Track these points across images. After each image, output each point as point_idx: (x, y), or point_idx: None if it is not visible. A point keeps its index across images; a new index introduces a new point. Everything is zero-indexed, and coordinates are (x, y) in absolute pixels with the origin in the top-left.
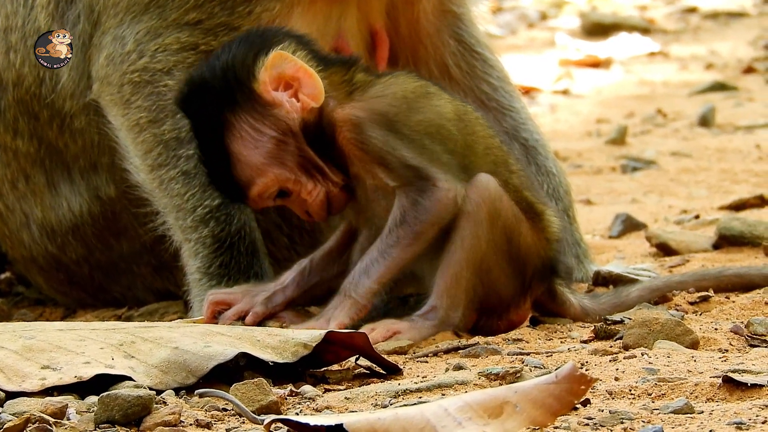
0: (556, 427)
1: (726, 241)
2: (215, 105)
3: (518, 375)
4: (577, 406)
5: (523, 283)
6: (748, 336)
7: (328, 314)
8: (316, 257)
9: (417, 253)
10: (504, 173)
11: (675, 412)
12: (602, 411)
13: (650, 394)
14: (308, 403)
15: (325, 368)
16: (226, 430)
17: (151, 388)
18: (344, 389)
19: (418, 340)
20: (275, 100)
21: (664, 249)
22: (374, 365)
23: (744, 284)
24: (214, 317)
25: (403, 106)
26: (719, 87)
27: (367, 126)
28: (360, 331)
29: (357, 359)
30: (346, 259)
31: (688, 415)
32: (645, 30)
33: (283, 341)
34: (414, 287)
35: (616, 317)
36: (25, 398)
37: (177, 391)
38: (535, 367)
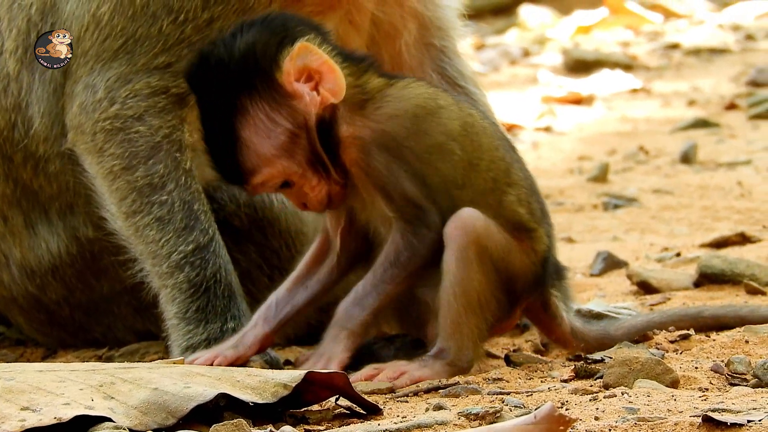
0: None
1: (707, 279)
2: (231, 87)
3: (498, 415)
4: None
5: (513, 297)
6: (728, 375)
7: (326, 351)
8: (281, 290)
9: (408, 287)
10: (502, 188)
11: None
12: None
13: None
14: None
15: (305, 408)
16: None
17: (131, 429)
18: (324, 429)
19: (431, 378)
20: (296, 91)
21: (645, 287)
22: (354, 405)
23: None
24: None
25: (413, 128)
26: (701, 124)
27: (373, 150)
28: (363, 371)
29: (337, 399)
30: (317, 281)
31: None
32: (627, 66)
33: (263, 381)
34: (400, 327)
35: (596, 356)
36: None
37: (157, 431)
38: (515, 406)
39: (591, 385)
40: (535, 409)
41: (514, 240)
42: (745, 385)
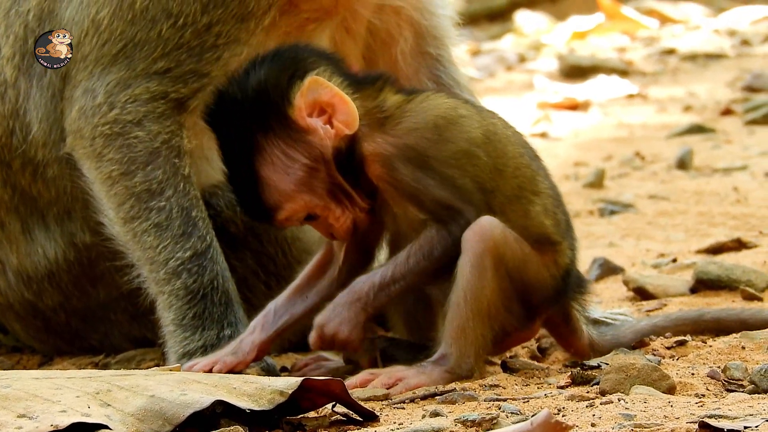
0: None
1: (703, 285)
2: (246, 126)
3: (494, 421)
4: None
5: (529, 311)
6: (725, 381)
7: (338, 317)
8: (281, 298)
9: (429, 282)
10: (528, 197)
11: None
12: None
13: None
14: None
15: (302, 415)
16: None
17: None
18: None
19: (428, 384)
20: (309, 126)
21: (642, 293)
22: (351, 412)
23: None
24: None
25: (434, 137)
26: (697, 129)
27: (398, 163)
28: (358, 376)
29: (333, 406)
30: (316, 293)
31: None
32: (623, 72)
33: (259, 388)
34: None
35: (593, 362)
36: None
37: None
38: (512, 413)
39: (588, 392)
40: (532, 416)
41: (537, 252)
42: (742, 392)
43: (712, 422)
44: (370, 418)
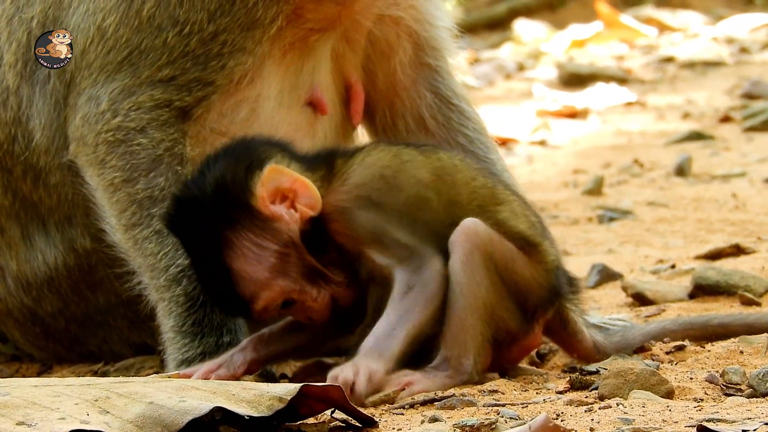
0: None
1: (702, 290)
2: (212, 224)
3: (493, 426)
4: None
5: (526, 313)
6: (723, 385)
7: (363, 366)
8: (276, 328)
9: (431, 319)
10: (491, 210)
11: None
12: None
13: None
14: None
15: (301, 422)
16: None
17: None
18: None
19: (433, 390)
20: (275, 213)
21: (640, 299)
22: (350, 418)
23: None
24: None
25: (384, 187)
26: (696, 136)
27: (355, 212)
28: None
29: (332, 412)
30: (313, 332)
31: None
32: (622, 80)
33: (258, 395)
34: None
35: (591, 368)
36: None
37: None
38: (511, 418)
39: (586, 397)
40: (530, 420)
41: (522, 254)
42: (740, 395)
43: (711, 426)
44: (369, 424)
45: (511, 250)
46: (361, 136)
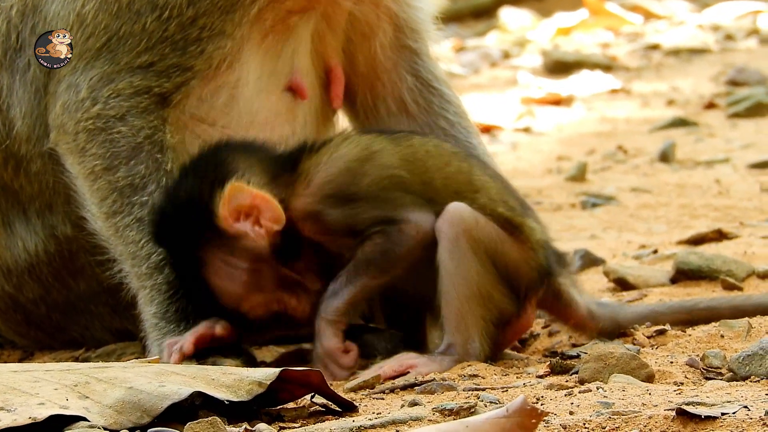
0: None
1: (683, 275)
2: (186, 241)
3: (473, 410)
4: None
5: (518, 294)
6: (703, 369)
7: (318, 350)
8: None
9: (385, 283)
10: (469, 196)
11: None
12: None
13: (604, 428)
14: None
15: (281, 406)
16: None
17: (105, 429)
18: (299, 427)
19: (440, 372)
20: (239, 232)
21: (622, 284)
22: (329, 402)
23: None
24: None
25: (348, 178)
26: (680, 123)
27: (325, 212)
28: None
29: (312, 397)
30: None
31: None
32: (607, 67)
33: (237, 380)
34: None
35: (572, 352)
36: None
37: (132, 430)
38: (491, 402)
39: (566, 381)
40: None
41: (508, 235)
42: (720, 379)
43: (690, 409)
44: (349, 408)
45: (498, 231)
46: (342, 120)
